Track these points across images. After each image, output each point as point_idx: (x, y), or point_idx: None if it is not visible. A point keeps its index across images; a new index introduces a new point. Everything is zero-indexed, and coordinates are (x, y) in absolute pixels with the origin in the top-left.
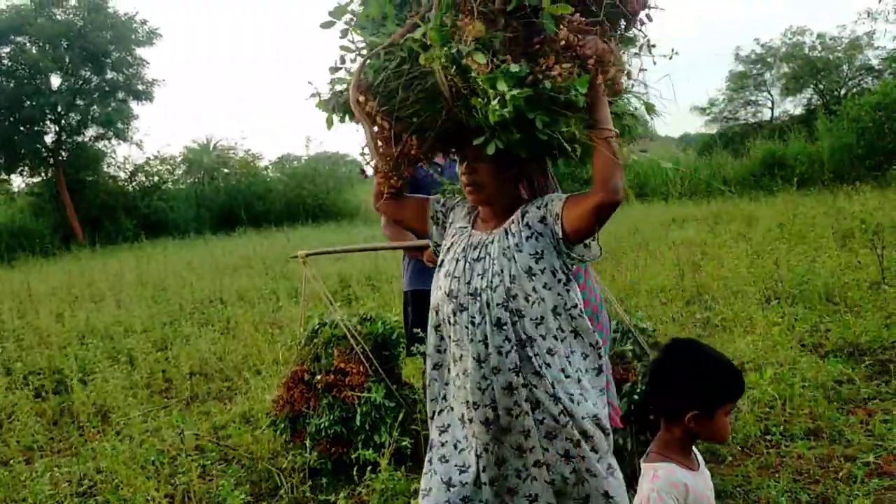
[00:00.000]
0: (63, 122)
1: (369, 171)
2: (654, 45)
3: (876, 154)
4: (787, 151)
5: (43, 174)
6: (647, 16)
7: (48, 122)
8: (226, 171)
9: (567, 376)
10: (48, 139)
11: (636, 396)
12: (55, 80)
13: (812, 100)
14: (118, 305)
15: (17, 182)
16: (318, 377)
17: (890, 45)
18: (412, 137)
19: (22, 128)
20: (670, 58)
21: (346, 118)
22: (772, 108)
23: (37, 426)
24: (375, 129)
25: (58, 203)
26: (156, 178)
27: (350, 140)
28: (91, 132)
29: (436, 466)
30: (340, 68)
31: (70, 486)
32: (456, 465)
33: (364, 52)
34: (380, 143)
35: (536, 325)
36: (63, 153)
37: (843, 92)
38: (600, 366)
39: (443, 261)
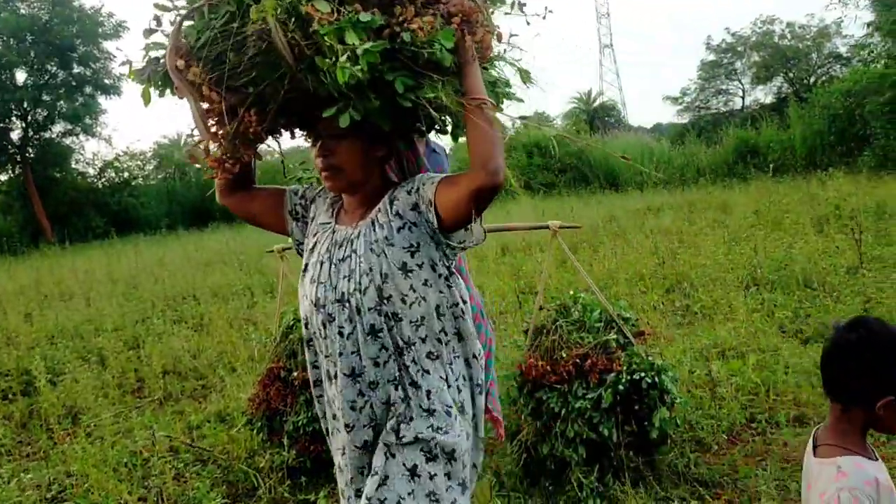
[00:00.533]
0: (30, 118)
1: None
2: (524, 4)
3: (847, 141)
4: (760, 139)
5: (10, 171)
6: None
7: (14, 119)
8: (197, 165)
9: (449, 385)
10: (14, 136)
11: (620, 387)
12: (20, 76)
13: (782, 88)
14: (88, 304)
15: None
16: (295, 374)
17: (859, 32)
18: (250, 112)
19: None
20: (544, 17)
21: (169, 91)
22: (743, 97)
23: (4, 429)
24: (204, 103)
25: (26, 201)
26: (126, 174)
27: None
28: (58, 128)
29: (348, 492)
30: (156, 30)
31: (39, 492)
32: None
33: (184, 10)
34: (210, 121)
35: (416, 328)
36: (30, 150)
37: (812, 80)
38: (481, 380)
39: (307, 264)
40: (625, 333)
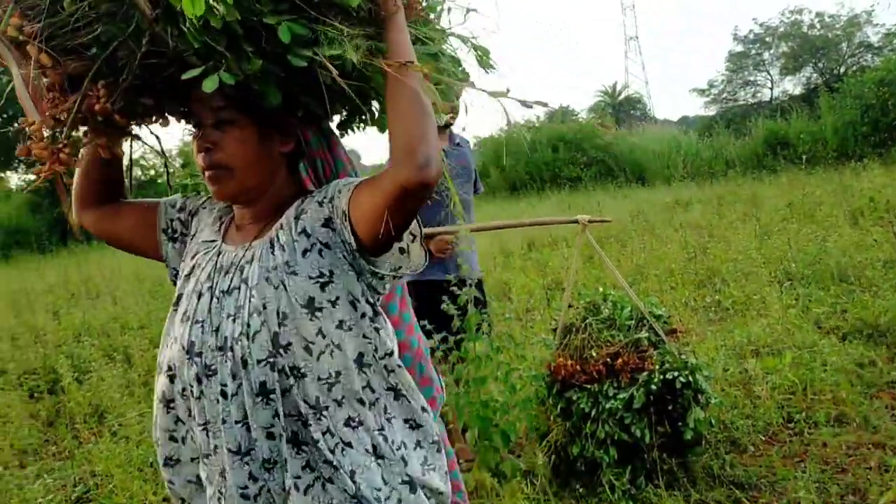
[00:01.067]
0: None
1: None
2: None
3: (880, 131)
4: (790, 130)
5: None
6: None
7: None
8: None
9: (380, 457)
10: None
11: (653, 386)
12: None
13: (811, 78)
14: (115, 302)
15: (14, 179)
16: None
17: (891, 20)
18: (97, 84)
19: (16, 124)
20: None
21: None
22: (771, 88)
23: (30, 428)
24: (35, 72)
25: (54, 199)
26: (152, 172)
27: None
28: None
29: None
30: None
31: (64, 492)
32: None
33: None
34: (44, 94)
35: (329, 388)
36: None
37: (842, 70)
38: (437, 436)
39: (180, 295)
40: (657, 331)
